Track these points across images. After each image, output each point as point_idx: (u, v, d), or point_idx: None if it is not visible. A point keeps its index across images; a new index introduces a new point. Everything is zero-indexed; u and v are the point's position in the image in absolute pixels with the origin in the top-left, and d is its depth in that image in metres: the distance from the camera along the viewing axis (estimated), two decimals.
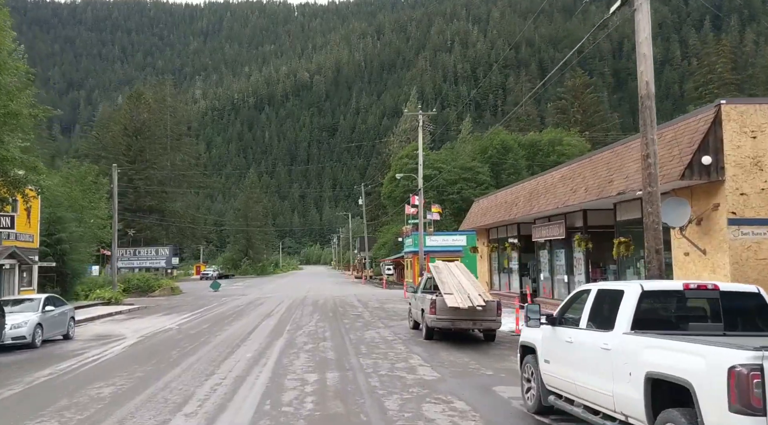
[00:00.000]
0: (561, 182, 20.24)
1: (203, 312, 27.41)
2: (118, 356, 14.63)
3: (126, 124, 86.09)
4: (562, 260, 21.91)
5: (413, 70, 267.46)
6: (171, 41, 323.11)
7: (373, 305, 30.17)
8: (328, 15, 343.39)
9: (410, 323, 19.67)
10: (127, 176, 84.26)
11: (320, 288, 49.96)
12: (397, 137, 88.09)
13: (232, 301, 35.23)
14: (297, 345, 15.55)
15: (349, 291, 44.83)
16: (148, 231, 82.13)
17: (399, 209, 68.82)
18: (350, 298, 36.22)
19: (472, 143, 79.55)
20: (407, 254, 54.70)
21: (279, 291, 45.90)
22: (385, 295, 39.91)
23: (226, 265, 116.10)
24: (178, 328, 20.70)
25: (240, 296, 40.49)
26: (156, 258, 50.31)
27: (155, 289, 44.76)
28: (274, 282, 67.98)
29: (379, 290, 46.81)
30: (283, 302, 32.96)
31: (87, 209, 47.11)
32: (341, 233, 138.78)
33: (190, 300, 37.75)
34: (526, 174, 72.17)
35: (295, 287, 52.18)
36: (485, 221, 28.29)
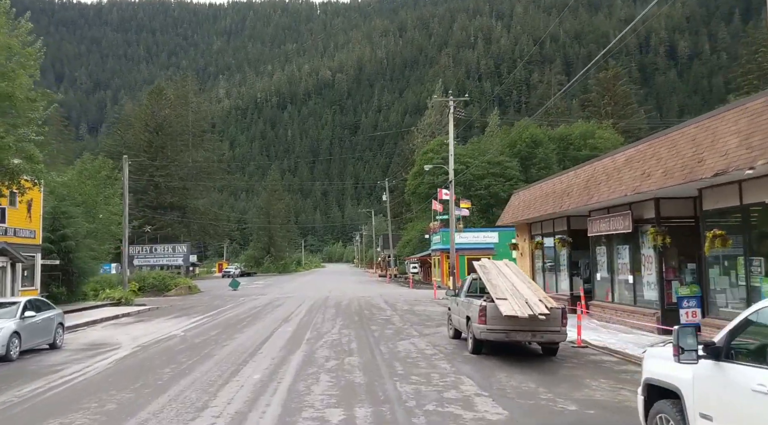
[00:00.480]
0: (627, 165, 17.05)
1: (216, 315, 24.71)
2: (99, 374, 11.88)
3: (147, 120, 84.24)
4: (625, 258, 18.71)
5: (436, 67, 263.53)
6: (195, 41, 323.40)
7: (401, 308, 27.21)
8: (350, 13, 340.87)
9: (450, 331, 16.69)
10: (148, 172, 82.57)
11: (343, 288, 47.16)
12: (421, 132, 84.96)
13: (249, 301, 32.55)
14: (317, 361, 12.63)
15: (373, 291, 41.94)
16: (169, 229, 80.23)
17: (424, 205, 65.91)
18: (376, 299, 33.31)
19: (500, 137, 76.08)
20: (434, 251, 51.67)
21: (300, 291, 43.19)
22: (413, 296, 36.92)
23: (248, 263, 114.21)
24: (183, 335, 17.96)
25: (259, 295, 37.83)
26: (173, 256, 47.98)
27: (171, 288, 42.34)
28: (295, 281, 65.44)
29: (405, 290, 43.84)
30: (304, 303, 30.16)
31: (101, 204, 44.96)
32: (364, 231, 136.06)
33: (206, 300, 35.19)
34: (557, 169, 68.68)
35: (316, 287, 49.48)
36: (528, 215, 25.14)
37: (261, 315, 23.70)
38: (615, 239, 19.19)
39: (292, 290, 43.66)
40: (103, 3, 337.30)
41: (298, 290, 44.58)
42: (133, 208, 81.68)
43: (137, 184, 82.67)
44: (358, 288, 46.04)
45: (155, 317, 25.09)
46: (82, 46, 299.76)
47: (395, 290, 43.40)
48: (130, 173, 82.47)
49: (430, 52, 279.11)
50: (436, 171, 64.51)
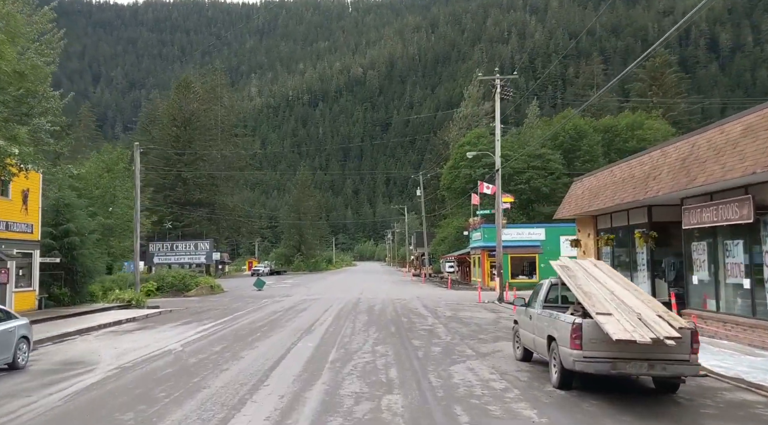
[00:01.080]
0: (746, 136, 12.90)
1: (230, 321, 21.20)
2: (37, 417, 8.34)
3: (174, 114, 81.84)
4: (738, 256, 14.51)
5: (469, 63, 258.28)
6: (228, 40, 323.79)
7: (444, 314, 23.34)
8: (381, 10, 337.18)
9: (517, 351, 12.77)
10: (176, 168, 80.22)
11: (375, 288, 43.46)
12: (456, 124, 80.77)
13: (272, 304, 29.06)
14: (342, 402, 8.83)
15: (409, 292, 38.09)
16: (197, 226, 77.73)
17: (460, 201, 61.93)
18: (413, 302, 29.48)
19: (541, 128, 71.35)
20: (474, 249, 47.63)
21: (329, 292, 39.60)
22: (454, 298, 32.97)
23: (278, 261, 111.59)
24: (180, 351, 14.41)
25: (283, 297, 34.35)
26: (195, 253, 44.97)
27: (192, 288, 39.20)
28: (325, 280, 62.05)
29: (443, 292, 39.86)
30: (332, 307, 26.50)
31: (120, 198, 42.14)
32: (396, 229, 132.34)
33: (225, 302, 31.84)
34: (603, 162, 63.98)
35: (347, 287, 45.89)
36: (595, 206, 21.00)
37: (280, 323, 20.07)
38: (722, 233, 14.99)
39: (320, 291, 40.11)
40: (139, 4, 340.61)
41: (326, 291, 41.01)
42: (160, 204, 79.50)
43: (164, 180, 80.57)
44: (392, 289, 42.25)
45: (162, 323, 21.70)
46: (119, 47, 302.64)
47: (433, 292, 39.49)
48: (157, 168, 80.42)
49: (462, 48, 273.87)
50: (474, 164, 60.45)
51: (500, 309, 26.01)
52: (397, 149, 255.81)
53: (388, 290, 41.11)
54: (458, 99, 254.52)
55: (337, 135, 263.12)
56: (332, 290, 40.46)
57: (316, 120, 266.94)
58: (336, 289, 42.47)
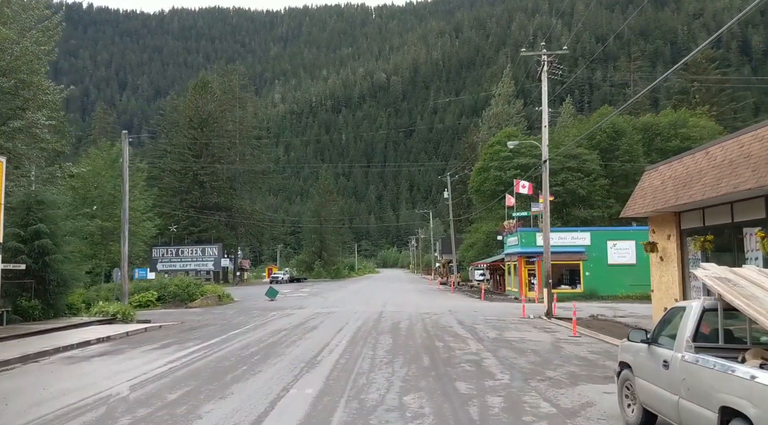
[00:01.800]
0: None
1: (219, 344, 16.77)
2: None
3: (191, 115, 78.48)
4: None
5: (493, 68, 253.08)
6: (252, 48, 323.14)
7: (486, 334, 18.62)
8: (405, 16, 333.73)
9: (629, 411, 8.00)
10: (192, 171, 76.73)
11: (400, 299, 38.82)
12: (485, 123, 76.02)
13: (279, 319, 24.63)
14: None
15: (439, 304, 33.34)
16: (213, 230, 74.03)
17: (490, 205, 57.13)
18: (445, 317, 24.79)
19: (576, 127, 66.10)
20: (509, 256, 42.74)
21: (347, 303, 35.05)
22: (492, 312, 28.14)
23: (299, 267, 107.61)
24: (125, 397, 9.96)
25: (295, 309, 29.89)
26: (202, 259, 40.86)
27: (196, 297, 34.98)
28: (345, 288, 57.59)
29: (477, 304, 35.01)
30: (348, 324, 21.91)
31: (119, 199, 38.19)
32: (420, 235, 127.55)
33: (229, 315, 27.51)
34: (644, 162, 58.70)
35: (368, 297, 41.34)
36: (686, 198, 16.11)
37: (279, 349, 15.55)
38: None
39: (338, 302, 35.59)
40: (165, 12, 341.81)
41: (345, 301, 36.46)
42: (177, 207, 76.05)
43: (181, 183, 77.13)
44: (419, 300, 37.51)
45: (137, 345, 17.34)
46: (144, 55, 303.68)
47: (465, 304, 34.68)
48: (173, 171, 76.94)
49: (487, 53, 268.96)
50: (504, 165, 55.75)
51: (552, 327, 21.22)
52: (420, 154, 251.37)
53: (414, 301, 36.39)
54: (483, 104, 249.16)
55: (360, 141, 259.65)
56: (351, 302, 35.90)
57: (339, 126, 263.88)
58: (356, 300, 37.90)
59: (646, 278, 39.13)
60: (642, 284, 38.14)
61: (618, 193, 57.24)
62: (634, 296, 37.20)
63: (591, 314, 26.03)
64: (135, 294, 33.73)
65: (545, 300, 26.03)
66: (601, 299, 36.97)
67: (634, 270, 38.10)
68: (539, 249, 39.32)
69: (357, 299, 37.65)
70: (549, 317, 24.88)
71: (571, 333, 19.02)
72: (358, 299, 37.61)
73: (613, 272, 38.32)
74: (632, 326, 18.43)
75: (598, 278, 38.28)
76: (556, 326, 21.76)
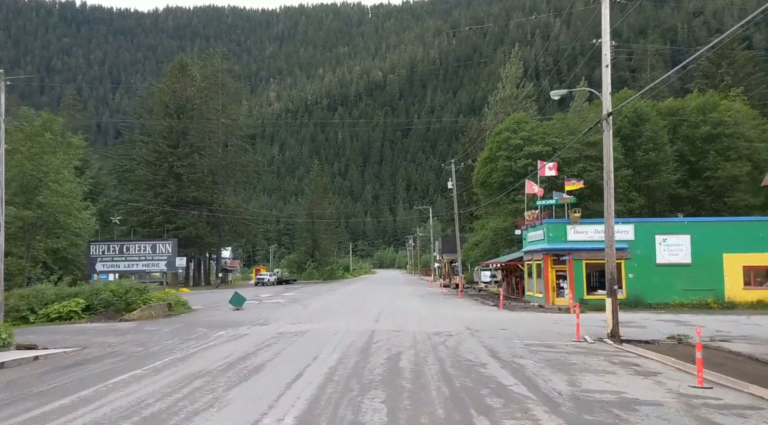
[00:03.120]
0: None
1: (105, 393, 8.63)
2: None
3: (167, 101, 70.13)
4: None
5: (491, 66, 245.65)
6: (248, 47, 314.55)
7: (554, 387, 10.36)
8: (402, 15, 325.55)
9: None
10: (168, 162, 68.44)
11: (399, 307, 30.55)
12: (492, 108, 67.97)
13: (219, 346, 16.35)
14: None
15: (450, 317, 24.95)
16: (191, 228, 65.64)
17: (497, 198, 49.10)
18: (468, 343, 16.45)
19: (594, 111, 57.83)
20: (531, 254, 34.57)
21: (330, 314, 26.76)
22: (528, 330, 19.81)
23: (290, 268, 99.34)
24: None
25: (256, 326, 21.61)
26: (152, 258, 32.49)
27: (137, 306, 26.69)
28: (335, 292, 49.27)
29: (499, 315, 26.59)
30: (317, 360, 13.41)
31: (50, 182, 29.89)
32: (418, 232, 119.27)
33: (159, 336, 19.28)
34: (670, 150, 50.96)
35: (359, 304, 33.07)
36: None
37: (196, 406, 7.43)
38: None
39: (318, 313, 27.27)
40: (159, 11, 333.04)
41: (329, 311, 28.12)
42: (151, 202, 67.74)
43: (155, 176, 68.87)
44: (423, 309, 29.08)
45: None
46: (139, 54, 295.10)
47: (483, 315, 26.37)
48: (147, 163, 68.60)
49: (485, 51, 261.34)
50: (514, 155, 47.66)
51: (641, 364, 13.04)
52: (418, 153, 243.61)
53: (416, 310, 27.97)
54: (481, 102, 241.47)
55: (357, 140, 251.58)
56: (336, 312, 27.53)
57: (335, 125, 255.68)
58: (343, 309, 29.57)
59: (704, 281, 31.18)
60: (699, 289, 30.00)
61: (641, 185, 49.40)
62: (690, 304, 29.13)
63: (670, 334, 18.02)
64: (56, 303, 25.53)
65: (610, 321, 17.80)
66: (650, 308, 28.83)
67: (689, 271, 30.05)
68: (572, 245, 31.19)
69: (344, 309, 29.29)
70: (616, 340, 16.76)
71: (692, 379, 10.84)
72: (346, 309, 29.24)
73: (662, 273, 30.21)
74: None
75: (643, 281, 30.12)
76: (644, 360, 13.59)
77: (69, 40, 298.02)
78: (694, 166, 52.05)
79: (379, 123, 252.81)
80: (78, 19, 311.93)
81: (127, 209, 67.54)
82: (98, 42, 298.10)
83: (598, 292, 30.83)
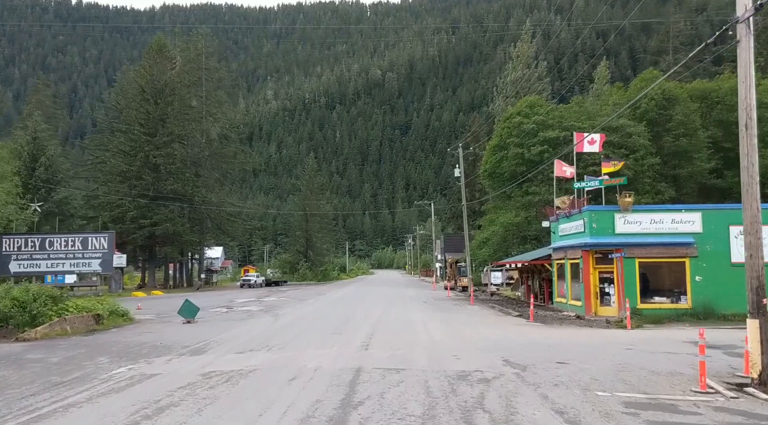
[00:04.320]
0: None
1: None
2: None
3: (143, 85, 62.89)
4: None
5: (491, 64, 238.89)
6: (245, 44, 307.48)
7: None
8: (401, 13, 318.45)
9: None
10: (143, 151, 61.26)
11: (400, 320, 23.24)
12: (501, 92, 60.78)
13: (102, 400, 9.11)
14: None
15: (473, 337, 17.45)
16: (168, 224, 58.27)
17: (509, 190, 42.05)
18: (519, 396, 9.24)
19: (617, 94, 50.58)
20: (562, 251, 27.33)
21: (307, 330, 19.47)
22: (602, 363, 12.49)
23: (282, 268, 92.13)
24: None
25: (189, 355, 14.31)
26: (83, 256, 25.17)
27: (47, 319, 19.45)
28: (325, 296, 41.97)
29: (536, 333, 19.14)
30: None
31: None
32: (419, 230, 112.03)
33: (38, 370, 12.17)
34: (703, 136, 43.89)
35: (349, 314, 25.76)
36: None
37: None
38: None
39: (288, 331, 19.90)
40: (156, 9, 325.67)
41: (303, 328, 20.71)
42: (126, 195, 60.59)
43: (130, 166, 61.67)
44: (433, 326, 21.40)
45: None
46: (135, 52, 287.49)
47: (514, 332, 19.04)
48: (121, 152, 61.50)
49: (484, 49, 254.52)
50: (526, 142, 40.66)
51: None
52: (417, 152, 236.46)
53: (424, 327, 20.32)
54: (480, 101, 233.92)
55: (355, 138, 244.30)
56: (313, 329, 20.13)
57: (334, 123, 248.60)
58: (325, 322, 22.25)
59: None
60: None
61: (670, 175, 42.38)
62: None
63: None
64: None
65: None
66: (725, 320, 21.54)
67: None
68: (621, 239, 23.93)
69: (325, 324, 21.89)
70: None
71: None
72: (328, 324, 21.82)
73: (739, 275, 22.77)
74: None
75: (715, 284, 22.84)
76: None
77: (64, 38, 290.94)
78: (729, 153, 45.10)
79: (378, 121, 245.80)
80: (73, 17, 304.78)
81: (99, 203, 60.31)
82: (94, 40, 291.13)
83: (654, 299, 23.64)
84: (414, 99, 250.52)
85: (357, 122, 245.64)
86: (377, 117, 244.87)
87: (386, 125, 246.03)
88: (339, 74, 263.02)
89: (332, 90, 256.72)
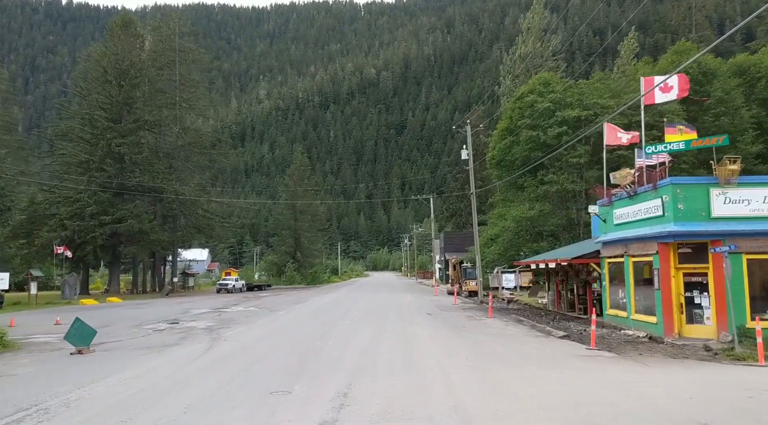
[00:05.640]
0: None
1: None
2: None
3: (105, 65, 54.97)
4: None
5: (487, 62, 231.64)
6: (238, 44, 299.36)
7: None
8: (395, 12, 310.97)
9: None
10: (105, 139, 53.38)
11: (397, 353, 15.25)
12: (509, 70, 53.13)
13: None
14: None
15: (535, 394, 9.69)
16: (134, 221, 50.23)
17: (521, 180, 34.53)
18: None
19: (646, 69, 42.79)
20: (620, 245, 19.46)
21: (245, 372, 11.58)
22: None
23: (269, 271, 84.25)
24: None
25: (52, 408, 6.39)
26: None
27: None
28: (304, 305, 34.01)
29: (630, 382, 11.35)
30: None
31: None
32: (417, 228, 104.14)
33: None
34: (747, 115, 36.50)
35: (322, 339, 17.79)
36: None
37: None
38: None
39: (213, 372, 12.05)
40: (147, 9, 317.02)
41: (240, 368, 12.80)
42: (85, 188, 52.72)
43: (90, 156, 53.79)
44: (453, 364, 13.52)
45: None
46: None
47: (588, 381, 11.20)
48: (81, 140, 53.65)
49: (480, 48, 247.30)
50: (542, 124, 33.17)
51: None
52: (413, 151, 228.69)
53: (441, 373, 11.88)
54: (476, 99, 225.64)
55: (350, 138, 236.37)
56: (248, 374, 12.21)
57: (327, 123, 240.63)
58: (273, 362, 14.20)
59: None
60: None
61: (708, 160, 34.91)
62: None
63: None
64: None
65: None
66: None
67: None
68: (720, 227, 16.24)
69: (274, 363, 13.72)
70: None
71: None
72: (277, 364, 13.60)
73: None
74: None
75: None
76: None
77: (54, 38, 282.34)
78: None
79: (373, 121, 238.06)
80: (64, 17, 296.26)
81: (54, 197, 52.28)
82: (84, 40, 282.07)
83: None
84: (409, 98, 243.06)
85: (351, 122, 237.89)
86: (372, 116, 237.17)
87: (381, 125, 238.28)
88: (333, 73, 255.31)
89: (326, 89, 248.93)
